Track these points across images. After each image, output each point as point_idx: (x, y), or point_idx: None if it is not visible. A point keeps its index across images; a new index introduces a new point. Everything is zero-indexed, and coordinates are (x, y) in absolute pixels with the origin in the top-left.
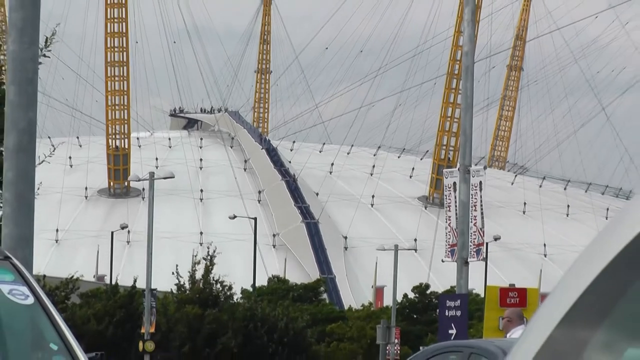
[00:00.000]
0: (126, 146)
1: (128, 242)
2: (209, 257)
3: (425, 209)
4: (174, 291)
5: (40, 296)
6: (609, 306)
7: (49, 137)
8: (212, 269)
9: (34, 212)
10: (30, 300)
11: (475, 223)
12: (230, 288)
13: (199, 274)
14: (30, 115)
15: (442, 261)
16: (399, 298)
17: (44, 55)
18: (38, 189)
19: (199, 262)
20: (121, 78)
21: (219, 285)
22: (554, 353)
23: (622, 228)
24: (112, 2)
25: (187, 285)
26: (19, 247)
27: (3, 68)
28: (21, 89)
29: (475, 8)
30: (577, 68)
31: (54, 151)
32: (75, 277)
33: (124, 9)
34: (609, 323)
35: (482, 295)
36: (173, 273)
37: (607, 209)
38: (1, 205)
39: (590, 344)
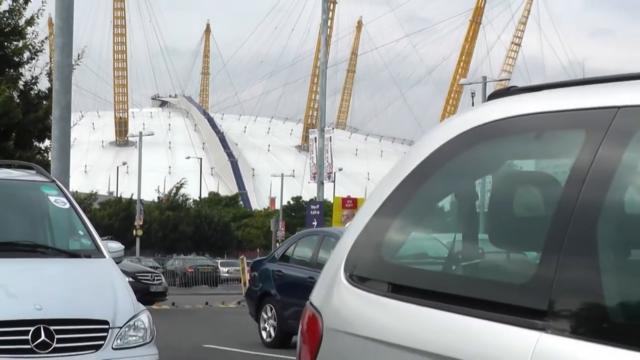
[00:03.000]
0: (126, 117)
1: (127, 172)
2: (179, 184)
3: (299, 152)
4: (155, 201)
5: (73, 203)
6: (403, 204)
7: (80, 111)
8: (180, 189)
9: (70, 155)
10: (67, 205)
11: (327, 160)
12: (187, 199)
13: (166, 188)
14: (67, 98)
15: (309, 182)
16: (284, 204)
17: (77, 64)
18: (73, 141)
19: (176, 187)
20: (123, 77)
21: (181, 197)
22: (369, 234)
23: (410, 160)
24: (117, 32)
25: (163, 198)
26: (61, 175)
27: (52, 70)
28: (62, 83)
29: (327, 37)
30: (387, 71)
31: (81, 119)
32: (95, 192)
33: (124, 37)
34: (402, 215)
35: (332, 202)
36: (156, 190)
37: (404, 152)
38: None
39: (390, 228)
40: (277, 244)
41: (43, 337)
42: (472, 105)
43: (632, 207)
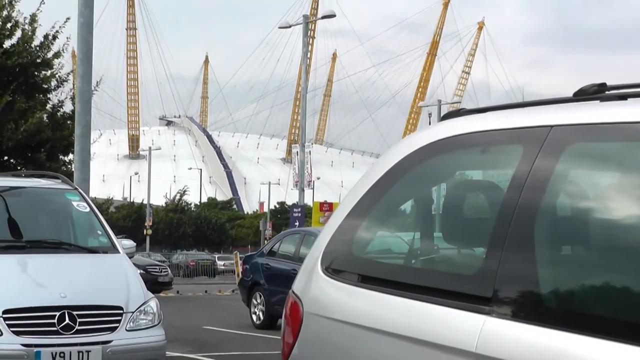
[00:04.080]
0: (137, 134)
1: (139, 181)
2: (183, 191)
3: (284, 164)
4: (163, 205)
5: (93, 207)
6: (371, 208)
7: (99, 129)
8: (183, 195)
9: (90, 166)
10: (87, 209)
11: (307, 170)
12: (189, 203)
13: (171, 194)
14: (87, 118)
15: (292, 189)
16: (271, 207)
17: (96, 90)
18: (93, 155)
19: (180, 193)
20: (134, 100)
21: (184, 202)
22: (342, 232)
23: (377, 170)
24: (130, 62)
25: (169, 202)
26: (82, 183)
27: (75, 95)
28: (83, 105)
29: (307, 66)
30: (357, 95)
31: (100, 136)
32: (112, 198)
33: (136, 67)
34: (370, 217)
35: (311, 206)
36: (164, 196)
37: (372, 164)
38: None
39: (360, 228)
40: (265, 241)
41: (67, 320)
42: (429, 124)
43: (563, 210)
